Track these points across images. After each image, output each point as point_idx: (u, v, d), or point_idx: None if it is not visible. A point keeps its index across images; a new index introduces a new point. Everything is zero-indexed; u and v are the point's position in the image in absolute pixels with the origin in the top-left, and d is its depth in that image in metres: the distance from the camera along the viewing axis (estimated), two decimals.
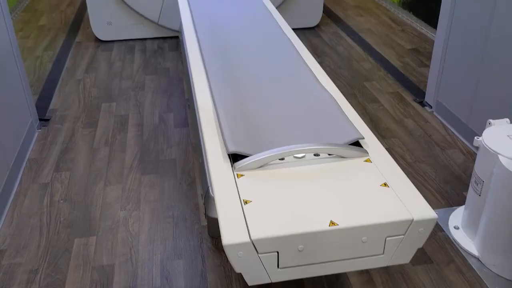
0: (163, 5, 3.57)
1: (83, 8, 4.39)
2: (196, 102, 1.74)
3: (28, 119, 2.45)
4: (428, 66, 3.10)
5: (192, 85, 1.94)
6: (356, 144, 1.38)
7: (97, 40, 3.69)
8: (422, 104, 2.76)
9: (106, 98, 2.87)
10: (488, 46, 2.19)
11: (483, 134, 1.64)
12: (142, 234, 1.87)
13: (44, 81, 3.09)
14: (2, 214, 1.96)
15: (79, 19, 4.17)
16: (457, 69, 2.47)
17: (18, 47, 2.42)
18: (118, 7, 3.56)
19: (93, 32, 3.66)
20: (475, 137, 1.65)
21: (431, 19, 3.75)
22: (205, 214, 1.84)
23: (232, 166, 1.30)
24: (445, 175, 2.19)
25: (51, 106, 2.79)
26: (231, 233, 1.07)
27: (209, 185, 1.68)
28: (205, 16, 2.53)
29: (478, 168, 1.66)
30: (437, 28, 2.59)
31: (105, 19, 3.60)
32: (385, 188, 1.21)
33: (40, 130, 2.56)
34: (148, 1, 3.55)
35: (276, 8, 3.65)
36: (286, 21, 2.57)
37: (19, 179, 2.19)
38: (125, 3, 3.53)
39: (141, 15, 3.61)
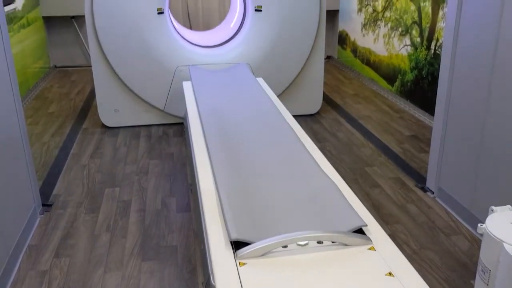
0: (169, 93, 3.71)
1: (91, 96, 4.56)
2: (198, 187, 1.76)
3: (31, 205, 2.45)
4: (428, 152, 3.15)
5: (195, 170, 1.97)
6: (360, 231, 1.37)
7: (104, 126, 3.80)
8: (424, 189, 2.77)
9: (109, 183, 2.90)
10: (486, 133, 2.25)
11: (486, 221, 1.64)
12: None
13: (50, 166, 3.14)
14: None
15: (87, 106, 4.31)
16: (456, 156, 2.51)
17: (27, 133, 2.49)
18: (125, 95, 3.70)
19: (100, 119, 3.77)
20: (479, 224, 1.64)
21: (428, 107, 3.87)
22: None
23: (234, 254, 1.29)
24: (451, 262, 2.15)
25: (54, 191, 2.81)
26: None
27: (210, 273, 1.65)
28: (209, 104, 2.63)
29: (484, 256, 1.63)
30: (435, 116, 2.67)
31: (113, 106, 3.73)
32: (390, 277, 1.19)
33: (42, 215, 2.55)
34: (155, 90, 3.70)
35: (278, 96, 3.79)
36: (287, 108, 2.66)
37: (17, 266, 2.15)
38: (133, 91, 3.68)
39: (148, 103, 3.75)
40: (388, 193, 2.76)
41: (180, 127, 3.82)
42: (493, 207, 1.71)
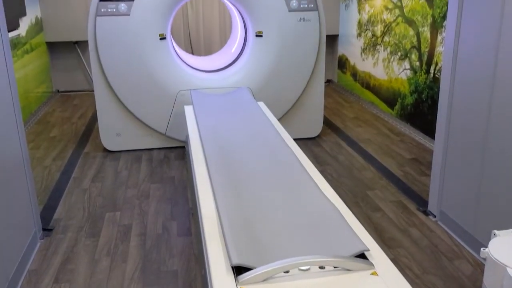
0: (170, 117, 3.74)
1: (93, 120, 4.58)
2: (200, 211, 1.75)
3: (31, 229, 2.44)
4: (429, 176, 3.15)
5: (196, 194, 1.97)
6: (362, 255, 1.37)
7: (105, 150, 3.81)
8: (426, 213, 2.76)
9: (110, 207, 2.89)
10: (487, 156, 2.25)
11: (489, 245, 1.63)
12: None
13: (51, 190, 3.14)
14: None
15: (89, 130, 4.33)
16: (458, 179, 2.51)
17: (28, 158, 2.50)
18: (127, 119, 3.73)
19: (101, 143, 3.79)
20: (482, 248, 1.63)
21: (429, 130, 3.89)
22: None
23: (235, 279, 1.28)
24: (454, 287, 2.12)
25: (55, 216, 2.80)
26: None
27: None
28: (210, 128, 2.64)
29: (487, 281, 1.62)
30: (435, 139, 2.68)
31: (114, 130, 3.75)
32: None
33: (42, 240, 2.54)
34: (156, 114, 3.72)
35: (278, 119, 3.81)
36: (288, 132, 2.67)
37: None
38: (134, 115, 3.70)
39: (150, 127, 3.76)
40: (390, 216, 2.75)
41: (181, 150, 3.83)
42: (496, 231, 1.70)
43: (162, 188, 3.15)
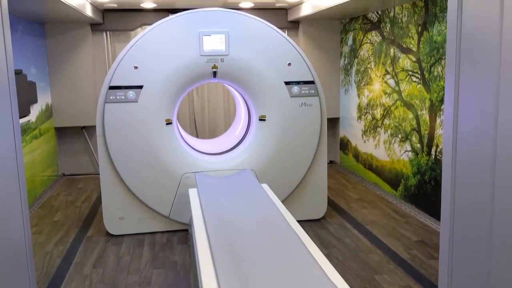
0: (174, 200, 3.74)
1: (97, 203, 4.58)
2: None
3: None
4: (437, 259, 3.08)
5: (199, 280, 1.93)
6: None
7: (108, 234, 3.77)
8: None
9: None
10: (494, 238, 2.22)
11: None
12: None
13: (51, 277, 3.07)
14: None
15: (93, 214, 4.32)
16: (466, 263, 2.45)
17: (31, 245, 2.47)
18: (131, 202, 3.73)
19: (104, 227, 3.76)
20: None
21: (433, 211, 3.86)
22: None
23: None
24: None
25: None
26: None
27: None
28: (214, 211, 2.64)
29: None
30: (441, 222, 2.65)
31: (118, 214, 3.74)
32: None
33: None
34: (160, 197, 3.73)
35: (282, 201, 3.81)
36: (292, 214, 2.66)
37: None
38: (139, 199, 3.71)
39: (153, 210, 3.76)
40: None
41: (184, 234, 3.79)
42: None
43: (164, 274, 3.08)
